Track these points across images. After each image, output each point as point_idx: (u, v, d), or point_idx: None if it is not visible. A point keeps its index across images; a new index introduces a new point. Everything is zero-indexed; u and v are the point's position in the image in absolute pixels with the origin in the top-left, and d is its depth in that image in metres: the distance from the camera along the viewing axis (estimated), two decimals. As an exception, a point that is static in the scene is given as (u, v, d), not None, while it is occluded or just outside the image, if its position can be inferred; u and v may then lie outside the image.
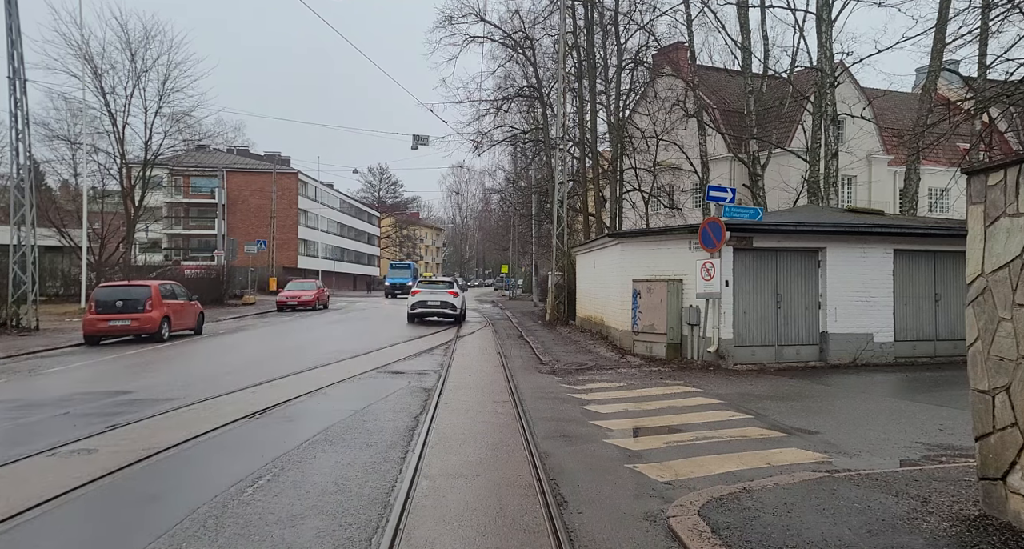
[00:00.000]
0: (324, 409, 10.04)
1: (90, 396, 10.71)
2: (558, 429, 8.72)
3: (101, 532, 5.21)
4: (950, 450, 7.63)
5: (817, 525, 4.97)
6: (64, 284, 37.01)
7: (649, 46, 30.80)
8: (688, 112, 28.00)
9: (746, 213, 17.21)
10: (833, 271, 15.10)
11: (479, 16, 32.90)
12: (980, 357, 5.10)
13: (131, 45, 35.48)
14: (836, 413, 9.85)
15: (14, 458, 6.99)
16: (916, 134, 20.13)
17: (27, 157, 21.95)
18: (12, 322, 21.62)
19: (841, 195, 28.29)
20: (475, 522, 5.35)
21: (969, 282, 5.24)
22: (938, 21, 19.96)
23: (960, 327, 13.72)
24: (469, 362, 15.85)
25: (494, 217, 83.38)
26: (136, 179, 37.35)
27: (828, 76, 22.95)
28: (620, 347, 17.69)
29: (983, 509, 5.08)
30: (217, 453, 7.62)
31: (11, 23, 20.97)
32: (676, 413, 9.74)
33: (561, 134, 28.99)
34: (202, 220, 65.43)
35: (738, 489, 5.87)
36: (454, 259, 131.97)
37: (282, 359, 16.01)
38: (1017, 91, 12.98)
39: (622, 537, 5.04)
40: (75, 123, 36.51)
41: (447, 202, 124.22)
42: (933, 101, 20.07)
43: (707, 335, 14.68)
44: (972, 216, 5.18)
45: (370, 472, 6.64)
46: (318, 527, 5.15)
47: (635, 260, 17.14)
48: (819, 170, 23.68)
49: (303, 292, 37.02)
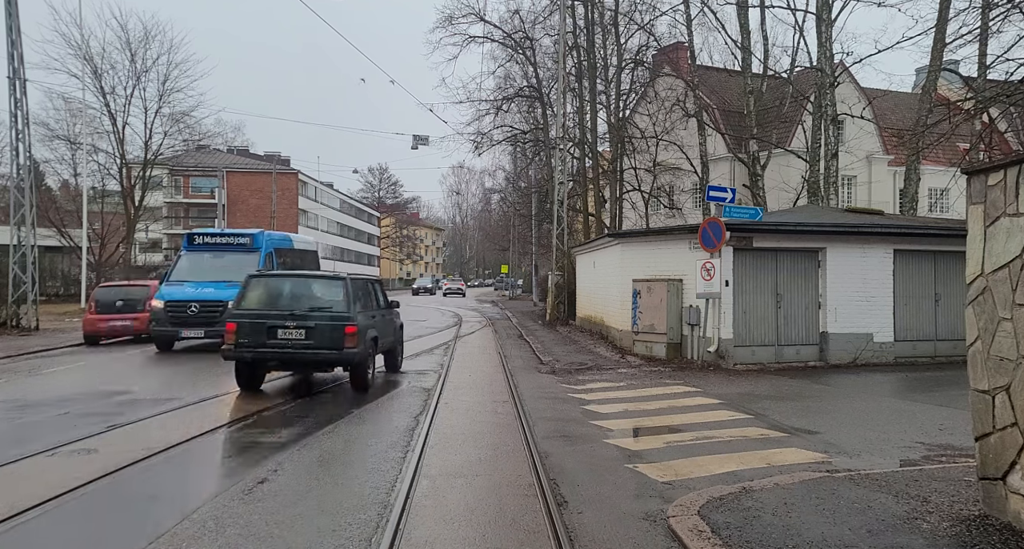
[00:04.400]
0: (324, 409, 10.03)
1: (90, 396, 10.70)
2: (558, 429, 8.72)
3: (101, 532, 5.20)
4: (950, 450, 7.63)
5: (817, 525, 4.97)
6: (64, 284, 37.05)
7: (649, 46, 30.84)
8: (688, 112, 28.00)
9: (746, 213, 17.22)
10: (833, 271, 15.09)
11: (479, 16, 32.95)
12: (980, 357, 5.10)
13: (131, 45, 35.56)
14: (836, 413, 9.85)
15: (14, 458, 6.99)
16: (916, 134, 20.12)
17: (27, 157, 21.96)
18: (12, 322, 21.63)
19: (841, 195, 28.27)
20: (475, 522, 5.35)
21: (969, 282, 5.24)
22: (938, 21, 19.96)
23: (960, 327, 13.71)
24: (469, 362, 15.85)
25: (494, 217, 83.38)
26: (136, 179, 37.39)
27: (828, 76, 22.95)
28: (620, 347, 17.68)
29: (983, 509, 5.08)
30: (217, 453, 7.62)
31: (11, 23, 20.97)
32: (676, 413, 9.74)
33: (561, 134, 29.00)
34: (202, 220, 65.35)
35: (738, 489, 5.87)
36: (454, 259, 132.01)
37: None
38: (1017, 91, 12.98)
39: (622, 537, 5.04)
40: (75, 123, 36.58)
41: (447, 202, 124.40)
42: (933, 101, 20.06)
43: (707, 335, 14.67)
44: (972, 216, 5.17)
45: (370, 472, 6.64)
46: (318, 527, 5.15)
47: (635, 260, 17.14)
48: (819, 170, 23.68)
49: (303, 292, 36.91)
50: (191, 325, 16.47)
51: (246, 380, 11.26)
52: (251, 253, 18.16)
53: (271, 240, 19.39)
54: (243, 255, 18.05)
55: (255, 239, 18.66)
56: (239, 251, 18.38)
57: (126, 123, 36.16)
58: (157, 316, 16.70)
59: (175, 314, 16.52)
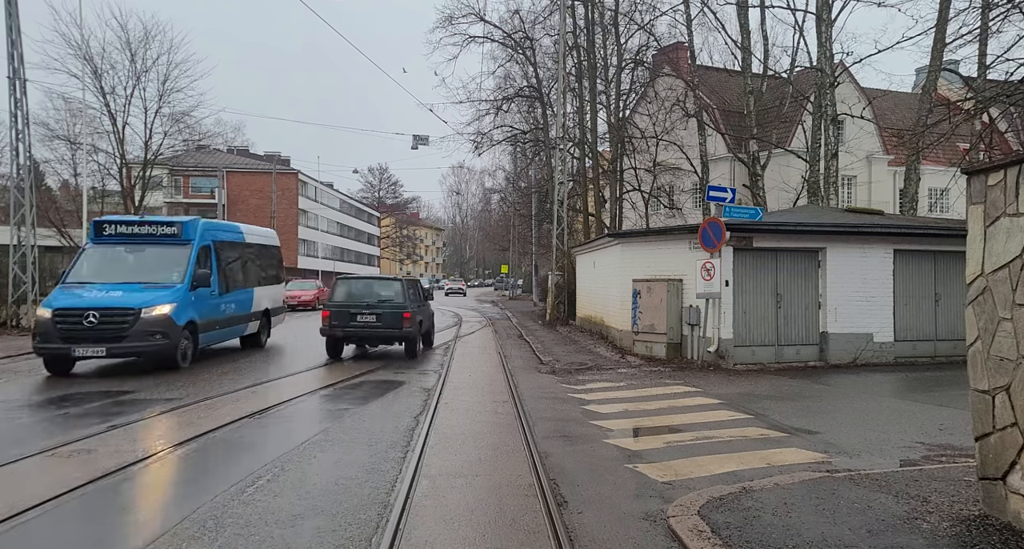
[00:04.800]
0: (324, 409, 10.05)
1: (90, 396, 10.70)
2: (558, 429, 8.72)
3: (101, 533, 5.20)
4: (950, 450, 7.63)
5: (817, 525, 4.97)
6: (64, 284, 36.94)
7: (649, 46, 30.84)
8: (688, 112, 28.00)
9: (746, 213, 17.22)
10: (833, 271, 15.09)
11: (479, 16, 32.95)
12: (980, 357, 5.10)
13: (131, 45, 35.43)
14: (836, 413, 9.85)
15: (14, 458, 6.99)
16: (916, 134, 20.11)
17: (27, 157, 21.96)
18: (12, 322, 21.63)
19: (841, 195, 28.28)
20: (475, 522, 5.35)
21: (969, 282, 5.23)
22: (938, 21, 19.96)
23: (960, 327, 13.72)
24: (469, 362, 15.85)
25: (494, 217, 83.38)
26: (136, 179, 37.34)
27: (828, 76, 22.95)
28: (620, 347, 17.68)
29: (983, 509, 5.08)
30: (217, 453, 7.62)
31: (11, 23, 20.97)
32: (676, 413, 9.74)
33: (561, 134, 29.00)
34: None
35: (738, 489, 5.87)
36: (454, 259, 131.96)
37: (283, 358, 16.02)
38: (1017, 91, 12.98)
39: (622, 537, 5.03)
40: (75, 123, 36.53)
41: (447, 202, 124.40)
42: (933, 101, 20.06)
43: (707, 335, 14.67)
44: (972, 216, 5.17)
45: (370, 472, 6.64)
46: (318, 527, 5.15)
47: (635, 260, 17.14)
48: (819, 170, 23.69)
49: (303, 292, 36.97)
50: (87, 341, 12.49)
51: (333, 350, 15.63)
52: (179, 246, 14.48)
53: (209, 231, 15.45)
54: (168, 249, 14.45)
55: (185, 229, 14.69)
56: (163, 244, 14.57)
57: (126, 123, 36.11)
58: (42, 329, 12.74)
59: (66, 326, 12.56)
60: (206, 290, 14.49)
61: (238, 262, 16.82)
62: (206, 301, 14.57)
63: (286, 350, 17.78)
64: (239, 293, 16.47)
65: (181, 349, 13.46)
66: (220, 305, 15.36)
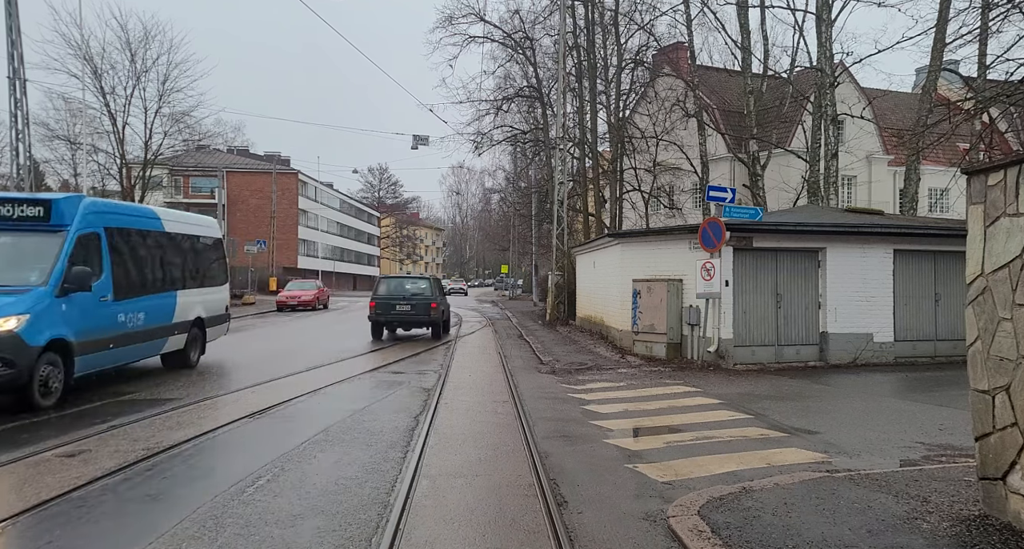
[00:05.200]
0: (324, 409, 10.04)
1: (90, 396, 10.70)
2: (558, 429, 8.72)
3: (100, 533, 5.20)
4: (950, 450, 7.63)
5: (817, 525, 4.97)
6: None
7: (649, 46, 30.84)
8: (688, 112, 28.01)
9: (746, 213, 17.22)
10: (833, 271, 15.09)
11: (479, 16, 32.95)
12: (980, 357, 5.10)
13: (131, 45, 35.50)
14: (836, 413, 9.85)
15: (13, 459, 6.99)
16: (916, 134, 20.12)
17: (27, 157, 21.98)
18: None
19: (841, 195, 28.28)
20: (475, 522, 5.35)
21: (969, 282, 5.23)
22: (938, 21, 19.96)
23: (960, 327, 13.71)
24: (469, 362, 15.86)
25: (494, 217, 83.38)
26: (136, 179, 37.39)
27: (828, 76, 22.95)
28: (620, 347, 17.68)
29: (983, 509, 5.08)
30: (217, 453, 7.62)
31: (11, 23, 20.99)
32: (676, 413, 9.74)
33: (561, 134, 29.01)
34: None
35: (738, 489, 5.87)
36: (454, 259, 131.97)
37: (282, 359, 16.01)
38: (1017, 91, 12.97)
39: (622, 537, 5.03)
40: (75, 123, 36.59)
41: (447, 202, 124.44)
42: (933, 101, 20.06)
43: (707, 335, 14.67)
44: (972, 216, 5.17)
45: (370, 472, 6.63)
46: (318, 527, 5.15)
47: (635, 260, 17.14)
48: (819, 170, 23.69)
49: (303, 292, 36.91)
50: None
51: (377, 332, 20.74)
52: (46, 234, 10.18)
53: (97, 214, 11.04)
54: (28, 237, 10.20)
55: (56, 209, 10.25)
56: (21, 230, 10.21)
57: (126, 123, 36.17)
58: None
59: None
60: (87, 296, 10.28)
61: (150, 258, 12.63)
62: (89, 311, 10.42)
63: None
64: (151, 299, 12.37)
65: (39, 380, 9.30)
66: (116, 315, 11.19)
